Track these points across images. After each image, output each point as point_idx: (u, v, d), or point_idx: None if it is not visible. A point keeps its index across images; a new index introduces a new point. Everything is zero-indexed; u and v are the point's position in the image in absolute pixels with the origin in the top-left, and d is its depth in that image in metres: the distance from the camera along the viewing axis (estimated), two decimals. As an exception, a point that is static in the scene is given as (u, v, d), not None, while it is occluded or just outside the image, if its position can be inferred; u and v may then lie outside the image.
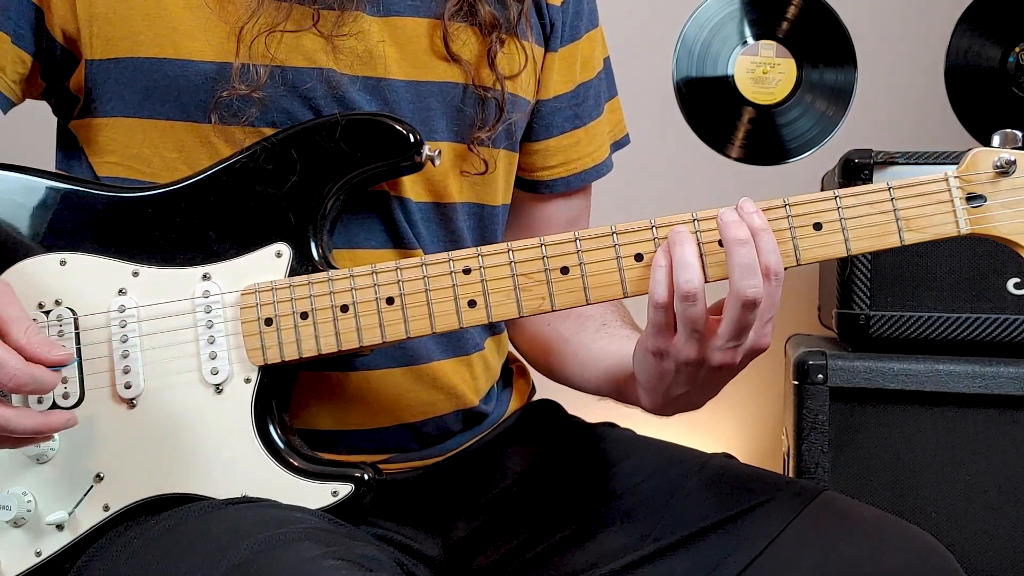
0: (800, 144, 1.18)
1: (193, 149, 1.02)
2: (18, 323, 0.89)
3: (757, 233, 0.90)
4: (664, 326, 0.92)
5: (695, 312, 0.90)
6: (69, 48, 1.03)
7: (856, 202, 0.92)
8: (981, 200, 0.92)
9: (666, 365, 0.94)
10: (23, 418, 0.90)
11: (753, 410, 2.16)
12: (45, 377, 0.90)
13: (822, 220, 0.93)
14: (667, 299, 0.91)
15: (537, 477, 1.15)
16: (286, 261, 0.99)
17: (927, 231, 0.92)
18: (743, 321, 0.89)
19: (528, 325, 1.22)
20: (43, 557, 0.98)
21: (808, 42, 1.17)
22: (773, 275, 0.90)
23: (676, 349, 0.92)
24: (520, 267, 0.95)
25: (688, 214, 0.93)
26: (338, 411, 1.05)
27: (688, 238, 0.91)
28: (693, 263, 0.90)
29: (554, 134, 1.18)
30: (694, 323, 0.90)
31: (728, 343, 0.90)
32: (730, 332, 0.90)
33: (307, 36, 1.02)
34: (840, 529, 0.99)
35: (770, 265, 0.90)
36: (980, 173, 0.92)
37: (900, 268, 1.63)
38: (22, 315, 0.91)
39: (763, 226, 0.90)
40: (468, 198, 1.12)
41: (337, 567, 0.81)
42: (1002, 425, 1.56)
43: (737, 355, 0.92)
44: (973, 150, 0.93)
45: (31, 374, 0.89)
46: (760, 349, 0.93)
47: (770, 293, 0.90)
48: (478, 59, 1.08)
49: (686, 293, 0.89)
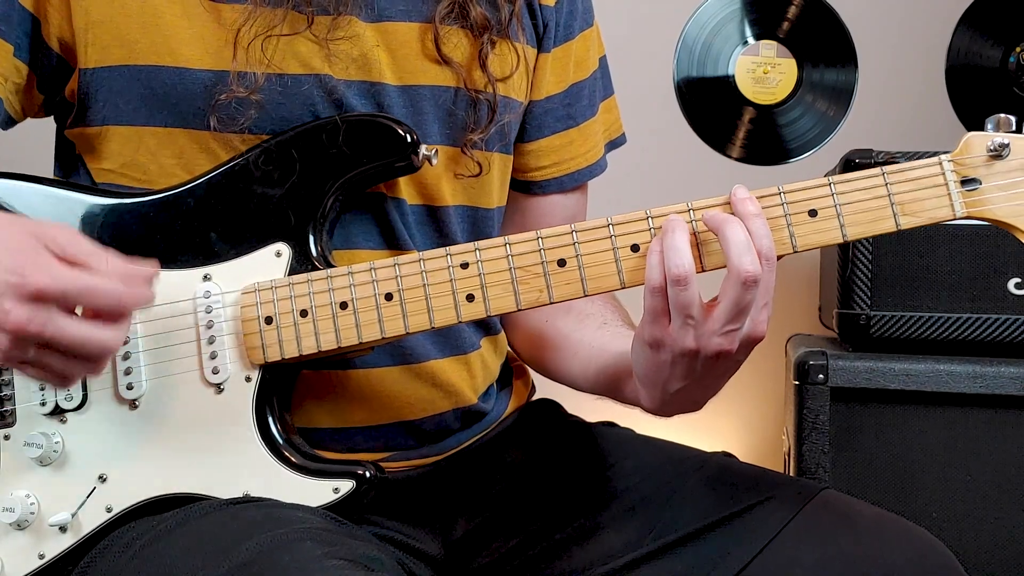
0: (801, 144, 1.18)
1: (192, 156, 1.02)
2: (98, 256, 0.87)
3: (749, 218, 0.90)
4: (660, 311, 0.92)
5: (687, 297, 0.90)
6: (64, 57, 1.04)
7: (850, 188, 0.93)
8: (976, 183, 0.92)
9: (663, 356, 0.94)
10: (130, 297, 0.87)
11: (754, 410, 2.16)
12: (144, 291, 0.89)
13: (817, 207, 0.93)
14: (661, 283, 0.91)
15: (537, 476, 1.15)
16: (286, 260, 0.99)
17: (922, 215, 0.92)
18: (741, 301, 0.89)
19: (525, 323, 1.22)
20: (46, 559, 0.99)
21: (809, 42, 1.17)
22: (765, 259, 0.90)
23: (671, 338, 0.92)
24: (517, 260, 0.95)
25: (683, 203, 0.94)
26: (338, 409, 1.06)
27: (680, 225, 0.91)
28: (683, 248, 0.90)
29: (546, 134, 1.19)
30: (686, 308, 0.90)
31: (726, 327, 0.90)
32: (728, 314, 0.89)
33: (302, 41, 1.02)
34: (840, 527, 0.99)
35: (762, 249, 0.90)
36: (974, 156, 0.92)
37: (901, 268, 1.63)
38: (98, 249, 0.88)
39: (756, 212, 0.91)
40: (461, 201, 1.12)
41: (339, 567, 0.82)
42: (1003, 425, 1.56)
43: (735, 341, 0.91)
44: (967, 135, 0.93)
45: (134, 293, 0.87)
46: (757, 337, 0.92)
47: (765, 278, 0.90)
48: (470, 61, 1.09)
49: (676, 277, 0.89)
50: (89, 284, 0.85)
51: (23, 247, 0.84)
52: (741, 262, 0.88)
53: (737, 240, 0.89)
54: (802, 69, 1.17)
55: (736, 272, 0.88)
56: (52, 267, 0.84)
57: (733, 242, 0.89)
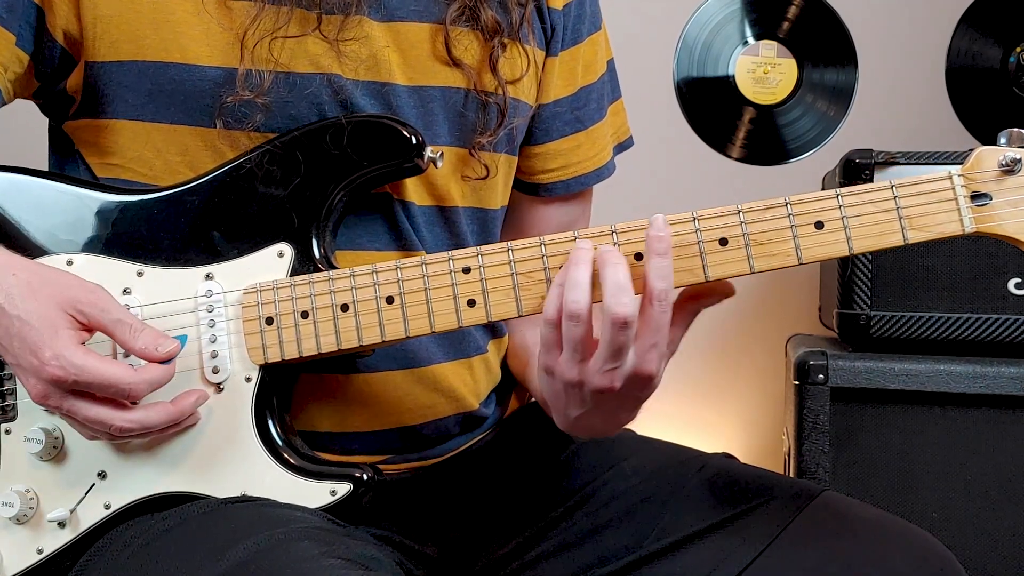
0: (801, 144, 1.19)
1: (198, 153, 1.02)
2: (123, 326, 0.93)
3: (653, 257, 0.88)
4: (552, 343, 0.91)
5: (578, 332, 0.88)
6: (69, 50, 1.03)
7: (858, 200, 0.91)
8: (986, 199, 0.90)
9: (555, 385, 0.93)
10: (156, 414, 0.94)
11: (754, 410, 2.16)
12: (159, 375, 0.93)
13: (824, 219, 0.91)
14: (556, 317, 0.90)
15: (536, 477, 1.15)
16: (288, 261, 0.99)
17: (931, 230, 0.91)
18: (616, 341, 0.87)
19: (511, 334, 1.21)
20: (44, 554, 0.99)
21: (809, 42, 1.17)
22: (657, 300, 0.88)
23: (560, 369, 0.91)
24: (519, 266, 0.95)
25: (608, 228, 0.92)
26: (338, 413, 1.05)
27: (584, 257, 0.90)
28: (583, 284, 0.88)
29: (554, 138, 1.18)
30: (575, 343, 0.89)
31: (605, 365, 0.88)
32: (605, 353, 0.88)
33: (312, 41, 1.02)
34: (840, 529, 0.99)
35: (654, 290, 0.88)
36: (985, 171, 0.90)
37: (901, 268, 1.63)
38: (125, 316, 0.93)
39: (662, 251, 0.88)
40: (470, 202, 1.12)
41: (336, 566, 0.82)
42: (1003, 425, 1.56)
43: (616, 379, 0.89)
44: (978, 148, 0.91)
45: (146, 380, 0.92)
46: (645, 375, 0.90)
47: (654, 318, 0.88)
48: (480, 64, 1.08)
49: (571, 313, 0.88)
50: (99, 377, 0.90)
51: (45, 324, 0.90)
52: (613, 302, 0.87)
53: (614, 280, 0.87)
54: (802, 69, 1.17)
55: (607, 312, 0.87)
56: (67, 355, 0.89)
57: (609, 282, 0.87)
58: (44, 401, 0.91)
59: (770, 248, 0.92)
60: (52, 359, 0.89)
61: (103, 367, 0.90)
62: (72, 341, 0.90)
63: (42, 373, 0.89)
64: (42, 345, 0.89)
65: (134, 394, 0.91)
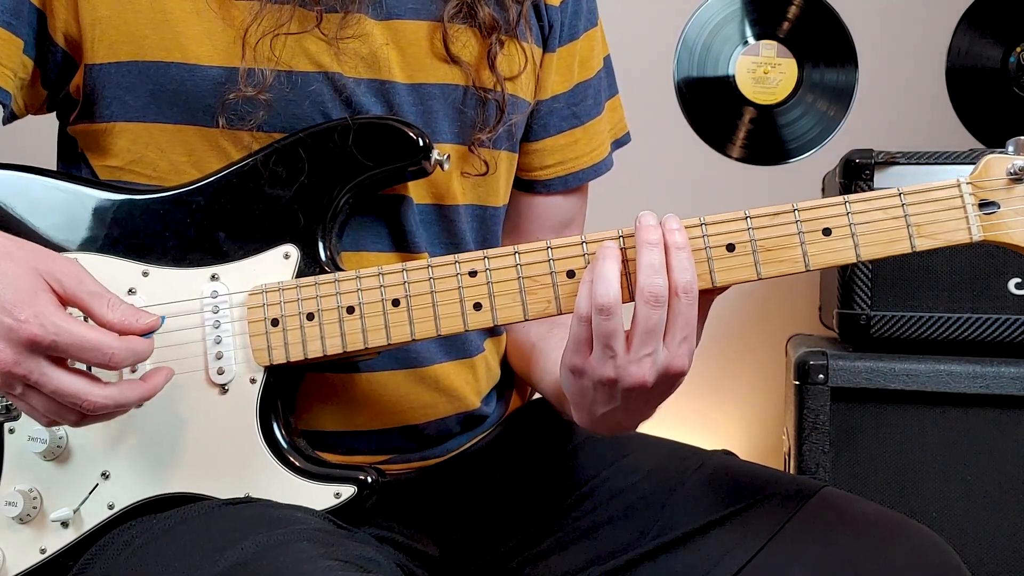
0: (801, 144, 1.19)
1: (203, 152, 1.02)
2: (100, 298, 0.90)
3: (672, 250, 0.89)
4: (583, 340, 0.91)
5: (609, 326, 0.89)
6: (70, 52, 1.03)
7: (866, 207, 0.91)
8: (994, 207, 0.90)
9: (584, 383, 0.93)
10: (131, 390, 0.91)
11: (754, 410, 2.16)
12: (141, 347, 0.90)
13: (831, 226, 0.91)
14: (588, 312, 0.90)
15: (536, 476, 1.15)
16: (294, 263, 0.99)
17: (939, 238, 0.90)
18: (648, 321, 0.88)
19: (510, 329, 1.22)
20: (47, 554, 0.99)
21: (809, 42, 1.18)
22: (683, 292, 0.89)
23: (591, 367, 0.91)
24: (526, 270, 0.95)
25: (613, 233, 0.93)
26: (341, 413, 1.05)
27: (611, 254, 0.91)
28: (610, 277, 0.89)
29: (552, 133, 1.19)
30: (607, 337, 0.89)
31: (639, 352, 0.89)
32: (638, 337, 0.89)
33: (311, 40, 1.02)
34: (841, 525, 1.00)
35: (679, 283, 0.89)
36: (993, 180, 0.90)
37: (901, 268, 1.63)
38: (101, 289, 0.91)
39: (681, 244, 0.90)
40: (471, 200, 1.12)
41: (335, 568, 0.82)
42: (1003, 425, 1.56)
43: (650, 371, 0.90)
44: (986, 156, 0.91)
45: (129, 348, 0.89)
46: (676, 372, 0.91)
47: (682, 312, 0.89)
48: (478, 61, 1.09)
49: (600, 306, 0.89)
50: (80, 339, 0.86)
51: (23, 285, 0.86)
52: (648, 282, 0.88)
53: (650, 263, 0.89)
54: (802, 69, 1.18)
55: (640, 289, 0.88)
56: (47, 313, 0.85)
57: (645, 264, 0.89)
58: (12, 368, 0.85)
59: (777, 255, 0.92)
60: (32, 317, 0.84)
61: (85, 329, 0.87)
62: (52, 303, 0.87)
63: (19, 333, 0.84)
64: (20, 304, 0.85)
65: (115, 361, 0.88)
